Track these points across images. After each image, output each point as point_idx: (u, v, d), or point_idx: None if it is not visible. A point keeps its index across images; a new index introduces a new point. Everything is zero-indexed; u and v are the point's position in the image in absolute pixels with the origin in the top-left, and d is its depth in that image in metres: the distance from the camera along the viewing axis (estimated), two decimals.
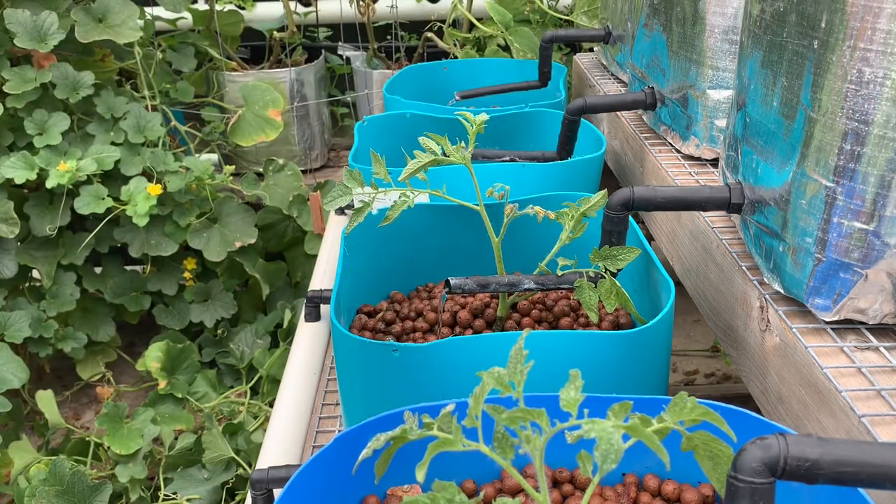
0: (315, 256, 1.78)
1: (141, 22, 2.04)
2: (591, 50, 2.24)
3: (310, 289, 1.35)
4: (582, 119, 1.28)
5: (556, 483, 0.76)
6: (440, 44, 2.39)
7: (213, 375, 2.04)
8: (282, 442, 1.10)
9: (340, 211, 1.63)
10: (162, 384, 1.94)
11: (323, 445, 0.67)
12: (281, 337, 2.01)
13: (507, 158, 1.29)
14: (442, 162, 0.94)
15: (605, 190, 0.93)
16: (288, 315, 2.01)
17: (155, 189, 1.94)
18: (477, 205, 0.97)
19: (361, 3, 2.49)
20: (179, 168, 2.01)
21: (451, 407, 0.54)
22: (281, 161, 2.26)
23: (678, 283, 0.96)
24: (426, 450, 0.52)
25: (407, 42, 2.78)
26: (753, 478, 0.47)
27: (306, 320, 1.30)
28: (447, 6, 2.56)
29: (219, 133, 2.34)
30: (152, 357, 1.95)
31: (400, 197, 0.96)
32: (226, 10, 2.49)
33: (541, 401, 0.59)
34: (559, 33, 1.68)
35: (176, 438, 1.83)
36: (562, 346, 0.80)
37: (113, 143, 2.01)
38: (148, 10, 2.30)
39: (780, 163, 0.81)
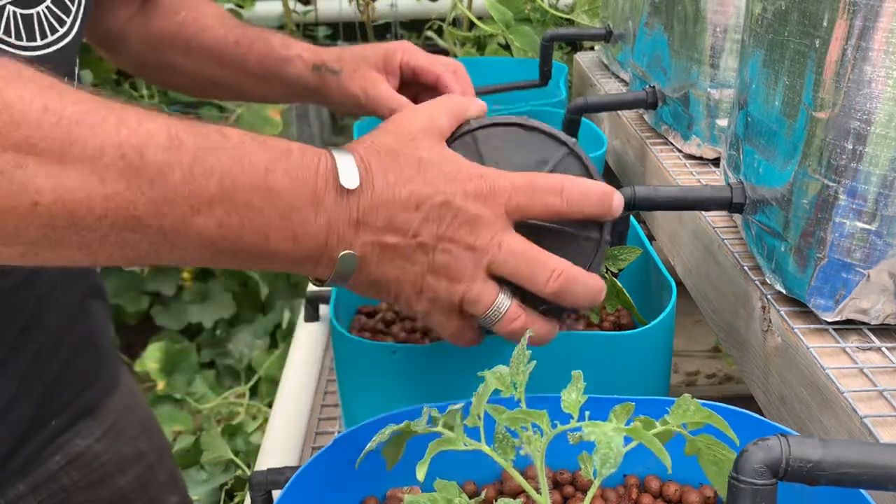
0: None
1: None
2: (591, 49, 2.23)
3: (309, 289, 1.34)
4: (583, 118, 1.28)
5: (557, 484, 0.75)
6: (440, 42, 2.38)
7: (212, 376, 2.04)
8: (281, 443, 1.10)
9: None
10: (160, 385, 1.93)
11: (322, 447, 0.67)
12: (280, 337, 2.01)
13: None
14: None
15: None
16: (287, 315, 2.01)
17: None
18: None
19: (361, 1, 2.48)
20: None
21: (459, 406, 0.54)
22: None
23: (679, 284, 0.96)
24: (426, 450, 0.51)
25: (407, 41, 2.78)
26: (755, 479, 0.46)
27: (305, 321, 1.30)
28: (447, 5, 2.55)
29: None
30: (151, 357, 1.94)
31: None
32: (225, 9, 2.48)
33: (542, 401, 0.59)
34: (560, 32, 1.68)
35: (174, 439, 1.83)
36: (563, 347, 0.79)
37: None
38: None
39: (781, 162, 0.81)
